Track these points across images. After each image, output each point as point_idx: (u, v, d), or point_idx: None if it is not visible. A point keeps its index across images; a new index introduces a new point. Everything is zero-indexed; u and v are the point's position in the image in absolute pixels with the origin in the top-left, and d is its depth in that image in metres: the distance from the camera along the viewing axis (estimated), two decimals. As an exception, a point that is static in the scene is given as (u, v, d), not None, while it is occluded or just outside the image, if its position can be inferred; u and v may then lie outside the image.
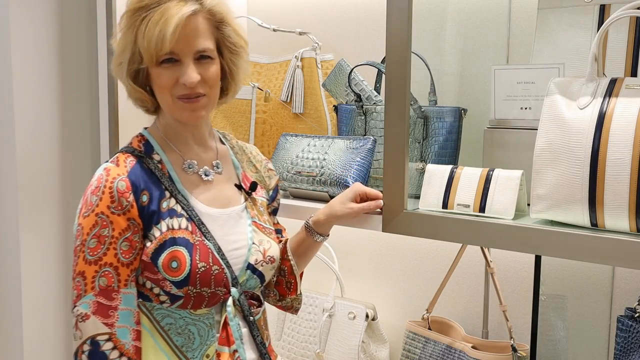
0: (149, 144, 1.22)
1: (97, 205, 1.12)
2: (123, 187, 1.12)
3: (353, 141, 1.49)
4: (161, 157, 1.21)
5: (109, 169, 1.15)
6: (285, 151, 1.57)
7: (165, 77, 1.15)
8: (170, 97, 1.17)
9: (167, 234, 1.14)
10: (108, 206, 1.11)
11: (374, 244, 1.87)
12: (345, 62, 1.65)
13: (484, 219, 1.23)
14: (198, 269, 1.14)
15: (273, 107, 1.84)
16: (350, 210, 1.32)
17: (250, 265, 1.21)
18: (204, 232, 1.17)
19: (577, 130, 1.11)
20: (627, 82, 1.12)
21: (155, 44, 1.11)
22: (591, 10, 1.33)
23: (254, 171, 1.34)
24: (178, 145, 1.23)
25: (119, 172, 1.14)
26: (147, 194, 1.15)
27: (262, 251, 1.24)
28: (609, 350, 1.51)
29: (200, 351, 1.17)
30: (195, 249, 1.15)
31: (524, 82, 1.35)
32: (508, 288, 1.63)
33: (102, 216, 1.11)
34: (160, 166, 1.20)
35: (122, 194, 1.12)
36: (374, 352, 1.70)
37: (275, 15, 1.99)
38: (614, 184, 1.07)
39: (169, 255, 1.13)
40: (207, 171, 1.24)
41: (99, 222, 1.11)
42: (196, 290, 1.14)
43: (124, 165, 1.16)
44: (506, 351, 1.49)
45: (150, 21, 1.12)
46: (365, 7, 1.83)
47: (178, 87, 1.16)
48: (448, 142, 1.46)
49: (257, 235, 1.25)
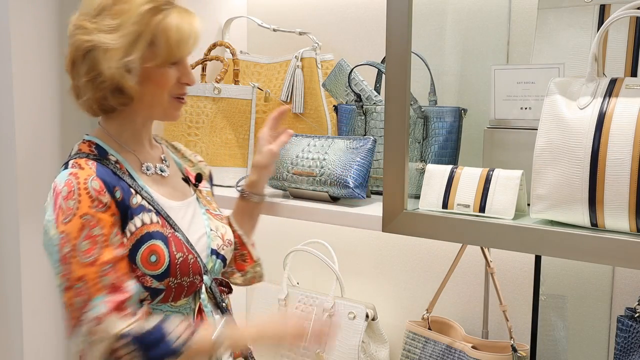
0: (101, 148, 1.21)
1: (78, 208, 1.09)
2: (97, 186, 1.11)
3: (353, 141, 1.49)
4: (117, 157, 1.21)
5: (75, 173, 1.13)
6: (285, 151, 1.57)
7: (171, 77, 1.20)
8: (167, 96, 1.21)
9: (143, 229, 1.15)
10: (89, 206, 1.10)
11: (374, 244, 1.87)
12: (345, 62, 1.65)
13: (484, 219, 1.23)
14: (177, 259, 1.16)
15: (273, 107, 1.84)
16: (269, 151, 1.42)
17: (214, 251, 1.27)
18: (172, 224, 1.20)
19: (577, 130, 1.11)
20: (627, 82, 1.12)
21: (186, 43, 1.18)
22: (591, 10, 1.33)
23: (191, 165, 1.40)
24: (132, 146, 1.25)
25: (87, 173, 1.13)
26: (119, 190, 1.15)
27: (221, 236, 1.30)
28: (609, 350, 1.51)
29: None
30: (170, 240, 1.17)
31: (524, 82, 1.35)
32: (508, 288, 1.63)
33: (88, 217, 1.09)
34: (119, 166, 1.20)
35: (99, 193, 1.11)
36: (374, 352, 1.70)
37: (275, 15, 1.99)
38: (614, 184, 1.07)
39: (147, 250, 1.14)
40: (162, 168, 1.28)
41: (86, 223, 1.09)
42: (177, 281, 1.16)
43: (88, 167, 1.14)
44: (506, 351, 1.49)
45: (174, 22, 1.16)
46: (365, 7, 1.83)
47: (177, 86, 1.21)
48: (448, 142, 1.46)
49: (212, 223, 1.31)
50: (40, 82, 1.80)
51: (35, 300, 1.83)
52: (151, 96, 1.19)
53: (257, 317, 1.28)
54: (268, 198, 1.51)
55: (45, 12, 1.79)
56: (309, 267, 1.90)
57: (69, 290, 1.08)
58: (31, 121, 1.78)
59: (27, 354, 1.82)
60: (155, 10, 1.15)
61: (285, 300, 1.80)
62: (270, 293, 1.84)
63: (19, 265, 1.78)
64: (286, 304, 1.80)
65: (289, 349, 1.28)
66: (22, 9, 1.74)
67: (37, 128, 1.80)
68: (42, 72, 1.80)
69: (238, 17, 1.99)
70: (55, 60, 1.82)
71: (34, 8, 1.76)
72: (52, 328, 1.88)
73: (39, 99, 1.80)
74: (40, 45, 1.79)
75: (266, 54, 1.96)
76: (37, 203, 1.81)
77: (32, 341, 1.83)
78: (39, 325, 1.85)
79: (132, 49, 1.14)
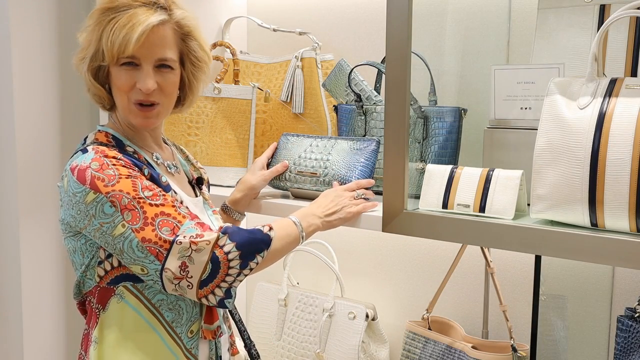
0: (117, 139, 1.23)
1: (120, 174, 1.12)
2: (126, 164, 1.15)
3: (357, 142, 1.49)
4: (134, 148, 1.23)
5: (102, 150, 1.15)
6: (287, 151, 1.57)
7: (124, 79, 1.18)
8: (126, 100, 1.20)
9: (179, 205, 1.17)
10: (129, 172, 1.13)
11: (374, 244, 1.87)
12: (345, 62, 1.65)
13: (484, 219, 1.23)
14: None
15: (273, 107, 1.84)
16: (262, 176, 1.47)
17: None
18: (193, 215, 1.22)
19: (577, 130, 1.11)
20: (627, 82, 1.12)
21: (119, 46, 1.14)
22: (591, 10, 1.33)
23: (194, 169, 1.41)
24: (140, 142, 1.27)
25: (113, 154, 1.15)
26: (147, 169, 1.18)
27: None
28: (609, 350, 1.51)
29: (186, 326, 1.21)
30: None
31: (524, 82, 1.35)
32: (508, 288, 1.63)
33: (134, 177, 1.12)
34: (137, 156, 1.22)
35: (131, 167, 1.15)
36: (374, 352, 1.71)
37: (275, 15, 1.99)
38: (614, 184, 1.07)
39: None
40: (170, 166, 1.30)
41: (135, 181, 1.12)
42: None
43: (111, 149, 1.17)
44: (506, 351, 1.49)
45: (117, 23, 1.15)
46: (365, 7, 1.83)
47: (135, 91, 1.19)
48: (448, 142, 1.46)
49: (219, 222, 1.35)
50: (40, 82, 1.80)
51: (35, 300, 1.83)
52: (115, 97, 1.22)
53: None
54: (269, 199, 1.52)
55: (45, 12, 1.79)
56: (309, 267, 1.90)
57: (147, 227, 1.10)
58: (31, 121, 1.78)
59: (27, 354, 1.82)
60: (110, 11, 1.16)
61: (285, 300, 1.80)
62: (270, 293, 1.84)
63: (19, 265, 1.78)
64: (286, 304, 1.80)
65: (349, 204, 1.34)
66: (22, 9, 1.74)
67: (38, 128, 1.80)
68: (42, 72, 1.80)
69: (238, 17, 1.99)
70: (55, 60, 1.82)
71: (34, 8, 1.77)
72: (52, 328, 1.88)
73: (39, 99, 1.80)
74: (40, 45, 1.79)
75: (266, 54, 1.96)
76: (37, 203, 1.81)
77: (32, 341, 1.83)
78: (39, 325, 1.85)
79: (87, 46, 1.19)
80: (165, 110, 1.25)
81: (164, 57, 1.19)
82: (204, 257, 1.10)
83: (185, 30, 1.23)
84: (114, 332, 1.18)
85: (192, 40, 1.24)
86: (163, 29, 1.18)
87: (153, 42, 1.17)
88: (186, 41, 1.23)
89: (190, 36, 1.23)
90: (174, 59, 1.21)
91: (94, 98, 1.25)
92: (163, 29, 1.18)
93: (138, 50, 1.15)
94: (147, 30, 1.15)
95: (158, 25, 1.17)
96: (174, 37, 1.21)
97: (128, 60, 1.17)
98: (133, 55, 1.16)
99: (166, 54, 1.19)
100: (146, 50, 1.17)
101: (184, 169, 1.37)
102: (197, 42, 1.24)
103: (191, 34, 1.23)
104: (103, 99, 1.24)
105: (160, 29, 1.18)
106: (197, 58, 1.25)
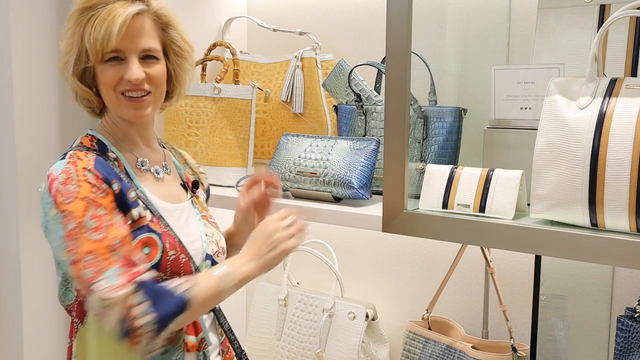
0: (102, 143, 1.23)
1: (78, 192, 1.10)
2: (93, 178, 1.13)
3: (356, 142, 1.49)
4: (116, 155, 1.22)
5: (73, 162, 1.14)
6: (287, 151, 1.57)
7: (110, 74, 1.17)
8: (114, 94, 1.19)
9: (141, 221, 1.16)
10: (90, 191, 1.11)
11: (374, 244, 1.87)
12: (345, 62, 1.65)
13: (484, 219, 1.23)
14: (169, 255, 1.17)
15: (273, 107, 1.84)
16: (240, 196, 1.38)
17: (209, 256, 1.26)
18: (163, 224, 1.20)
19: (577, 130, 1.11)
20: (627, 82, 1.12)
21: (102, 41, 1.14)
22: (591, 10, 1.33)
23: (191, 173, 1.40)
24: (128, 144, 1.26)
25: (85, 164, 1.14)
26: (117, 183, 1.16)
27: (215, 242, 1.29)
28: (609, 350, 1.51)
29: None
30: (164, 237, 1.17)
31: (524, 82, 1.35)
32: (508, 288, 1.63)
33: (89, 200, 1.10)
34: (117, 163, 1.21)
35: (97, 180, 1.13)
36: (374, 352, 1.70)
37: (275, 15, 1.99)
38: (614, 184, 1.07)
39: (142, 241, 1.15)
40: (158, 169, 1.28)
41: (89, 205, 1.10)
42: (166, 277, 1.15)
43: (86, 159, 1.16)
44: (506, 351, 1.49)
45: (97, 20, 1.14)
46: (365, 7, 1.83)
47: (122, 83, 1.18)
48: (448, 142, 1.46)
49: (207, 229, 1.30)
50: (40, 82, 1.80)
51: (35, 300, 1.83)
52: (104, 95, 1.21)
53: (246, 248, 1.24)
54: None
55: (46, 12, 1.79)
56: (309, 267, 1.90)
57: (78, 263, 1.08)
58: (31, 121, 1.78)
59: (27, 354, 1.82)
60: (88, 10, 1.16)
61: (285, 300, 1.80)
62: (270, 293, 1.84)
63: (19, 265, 1.78)
64: (286, 304, 1.80)
65: (283, 239, 1.22)
66: (22, 9, 1.74)
67: (37, 128, 1.80)
68: (42, 72, 1.80)
69: (238, 17, 1.99)
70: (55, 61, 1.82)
71: (34, 8, 1.76)
72: (52, 328, 1.88)
73: (39, 99, 1.80)
74: (40, 45, 1.79)
75: (266, 54, 1.96)
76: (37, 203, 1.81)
77: (32, 341, 1.83)
78: (39, 325, 1.85)
79: (69, 49, 1.19)
80: (156, 102, 1.24)
81: (148, 48, 1.19)
82: (113, 316, 1.06)
83: (164, 21, 1.22)
84: (92, 346, 1.19)
85: (172, 30, 1.24)
86: (142, 19, 1.18)
87: (135, 32, 1.17)
88: (167, 31, 1.23)
89: (170, 26, 1.24)
90: (157, 49, 1.21)
91: (82, 103, 1.25)
92: (142, 19, 1.18)
93: (121, 42, 1.15)
94: (127, 20, 1.14)
95: (138, 15, 1.17)
96: (155, 27, 1.21)
97: (113, 55, 1.16)
98: (117, 49, 1.16)
99: (150, 43, 1.19)
100: (129, 42, 1.17)
101: (179, 172, 1.35)
102: (177, 31, 1.24)
103: (171, 24, 1.24)
104: (92, 102, 1.23)
105: (140, 18, 1.18)
106: (179, 47, 1.25)
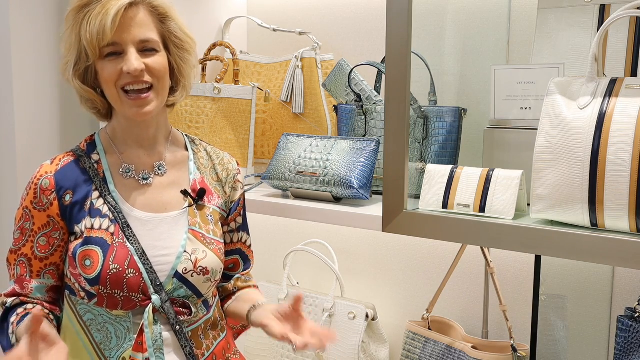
0: (93, 144, 1.25)
1: (25, 199, 1.20)
2: (46, 185, 1.19)
3: (357, 142, 1.49)
4: (100, 157, 1.23)
5: (43, 165, 1.22)
6: (287, 151, 1.57)
7: (110, 69, 1.15)
8: (116, 91, 1.16)
9: (85, 232, 1.17)
10: (31, 201, 1.19)
11: (374, 244, 1.87)
12: (345, 62, 1.65)
13: (484, 219, 1.23)
14: (110, 270, 1.14)
15: (273, 107, 1.84)
16: (265, 321, 1.17)
17: (177, 274, 1.17)
18: (127, 235, 1.17)
19: (577, 130, 1.11)
20: (627, 82, 1.12)
21: (97, 35, 1.12)
22: (591, 10, 1.33)
23: (215, 179, 1.31)
24: (120, 146, 1.24)
25: (48, 170, 1.20)
26: (70, 194, 1.19)
27: (194, 260, 1.19)
28: (609, 350, 1.51)
29: (117, 352, 1.16)
30: (112, 250, 1.15)
31: (524, 82, 1.35)
32: (508, 288, 1.63)
33: (27, 210, 1.20)
34: (97, 166, 1.22)
35: (44, 192, 1.18)
36: (374, 352, 1.70)
37: (275, 15, 1.99)
38: (614, 184, 1.07)
39: (83, 253, 1.16)
40: (146, 175, 1.23)
41: (24, 215, 1.20)
42: (107, 291, 1.14)
43: (56, 164, 1.21)
44: (506, 351, 1.49)
45: (91, 15, 1.13)
46: (365, 7, 1.83)
47: (123, 77, 1.15)
48: (448, 142, 1.46)
49: (191, 244, 1.20)
50: (40, 82, 1.80)
51: (35, 300, 1.83)
52: (106, 92, 1.19)
53: None
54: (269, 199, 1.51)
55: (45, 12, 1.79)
56: (309, 267, 1.90)
57: (12, 254, 1.24)
58: (31, 121, 1.78)
59: (27, 354, 1.82)
60: (83, 8, 1.15)
61: (285, 300, 1.80)
62: (270, 293, 1.84)
63: (19, 265, 1.78)
64: (286, 304, 1.80)
65: None
66: (22, 9, 1.74)
67: (37, 128, 1.80)
68: (42, 72, 1.80)
69: (238, 17, 1.99)
70: (55, 61, 1.82)
71: (34, 8, 1.76)
72: (52, 328, 1.88)
73: (39, 99, 1.80)
74: (41, 45, 1.79)
75: (266, 54, 1.96)
76: (37, 203, 1.81)
77: (32, 341, 1.82)
78: (39, 325, 1.85)
79: (68, 50, 1.19)
80: (159, 97, 1.19)
81: (145, 39, 1.16)
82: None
83: (161, 12, 1.19)
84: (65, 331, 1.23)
85: (171, 21, 1.21)
86: (137, 10, 1.16)
87: (130, 23, 1.14)
88: (165, 23, 1.20)
89: (168, 18, 1.20)
90: (156, 40, 1.18)
91: (87, 105, 1.23)
92: (137, 9, 1.16)
93: (116, 34, 1.13)
94: (120, 11, 1.12)
95: (132, 6, 1.15)
96: (152, 18, 1.18)
97: (110, 49, 1.14)
98: (113, 42, 1.13)
99: (147, 34, 1.16)
100: (125, 34, 1.14)
101: (191, 176, 1.27)
102: (176, 23, 1.21)
103: (169, 16, 1.20)
104: (96, 103, 1.22)
105: (134, 9, 1.15)
106: (179, 39, 1.21)
